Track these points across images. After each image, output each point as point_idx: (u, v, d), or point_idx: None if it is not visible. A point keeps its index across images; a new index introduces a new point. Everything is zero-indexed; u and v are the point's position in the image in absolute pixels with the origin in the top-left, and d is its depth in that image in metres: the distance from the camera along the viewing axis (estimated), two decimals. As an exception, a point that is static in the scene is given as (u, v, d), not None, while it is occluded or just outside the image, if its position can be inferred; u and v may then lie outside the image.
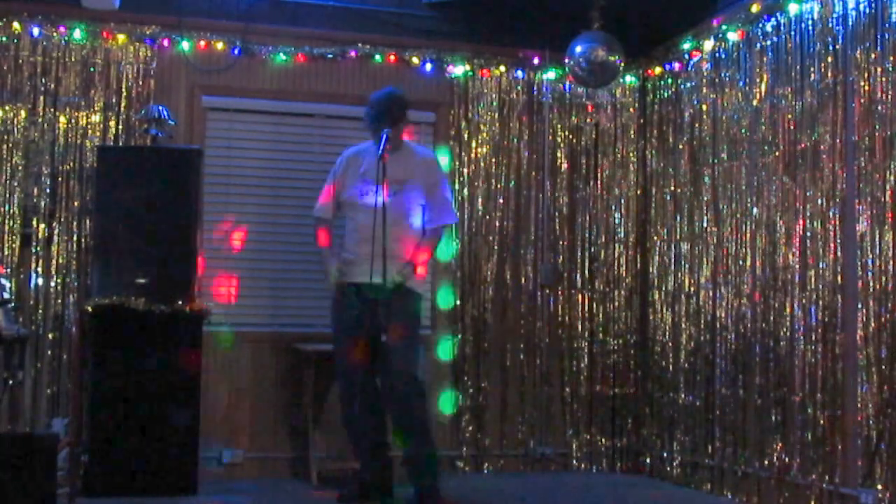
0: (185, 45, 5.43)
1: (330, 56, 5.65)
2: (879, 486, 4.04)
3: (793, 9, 4.67)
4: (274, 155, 5.61)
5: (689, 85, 5.57)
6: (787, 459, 4.59)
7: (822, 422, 4.40)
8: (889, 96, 4.09)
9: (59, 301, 5.13)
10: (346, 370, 4.69)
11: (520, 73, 5.92)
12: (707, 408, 5.23)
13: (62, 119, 5.20)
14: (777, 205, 4.75)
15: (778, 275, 4.71)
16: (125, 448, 4.71)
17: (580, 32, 5.46)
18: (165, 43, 5.40)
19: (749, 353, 4.90)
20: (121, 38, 5.31)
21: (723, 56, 5.25)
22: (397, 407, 4.57)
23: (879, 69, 4.15)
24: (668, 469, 5.52)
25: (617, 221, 5.99)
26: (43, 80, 5.20)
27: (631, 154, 6.03)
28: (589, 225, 5.98)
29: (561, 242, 5.92)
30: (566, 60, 5.49)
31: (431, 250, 4.79)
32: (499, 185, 5.84)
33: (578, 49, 5.42)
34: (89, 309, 4.77)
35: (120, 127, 5.28)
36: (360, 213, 4.66)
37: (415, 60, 5.76)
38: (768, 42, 4.87)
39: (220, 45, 5.49)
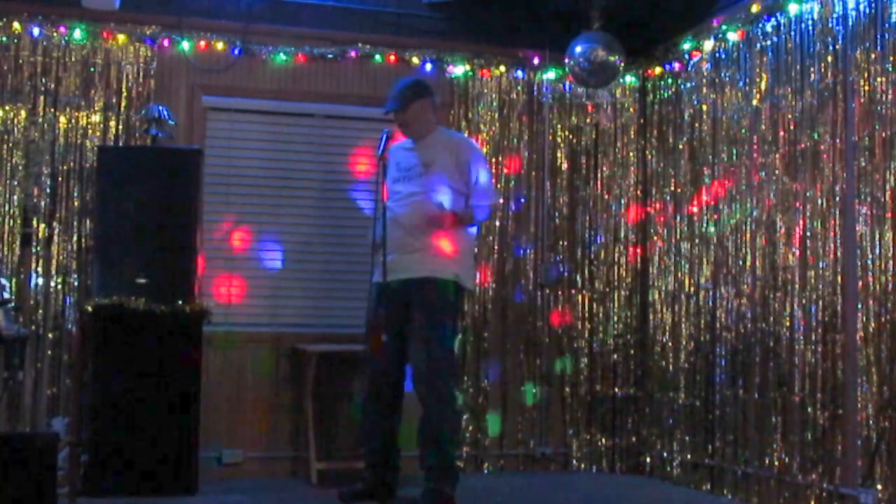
0: (185, 45, 5.43)
1: (330, 56, 5.65)
2: (879, 486, 4.04)
3: (793, 9, 4.67)
4: (274, 155, 5.61)
5: (689, 85, 5.56)
6: (787, 459, 4.59)
7: (822, 422, 4.40)
8: (889, 96, 4.09)
9: (59, 301, 5.13)
10: (371, 368, 4.65)
11: (520, 73, 5.92)
12: (707, 408, 5.22)
13: (62, 119, 5.20)
14: (777, 205, 4.75)
15: (778, 275, 4.71)
16: (125, 448, 4.71)
17: (580, 32, 5.47)
18: (165, 43, 5.40)
19: (749, 353, 4.90)
20: (121, 38, 5.30)
21: (723, 56, 5.25)
22: (422, 411, 4.49)
23: (879, 69, 4.14)
24: (668, 469, 5.52)
25: (617, 221, 5.99)
26: (43, 80, 5.19)
27: (631, 154, 6.02)
28: (589, 225, 5.98)
29: (561, 242, 5.92)
30: (566, 60, 5.50)
31: (463, 220, 4.58)
32: (499, 185, 5.84)
33: (578, 49, 5.42)
34: (89, 309, 4.77)
35: (120, 127, 5.28)
36: (387, 210, 4.58)
37: (415, 60, 5.75)
38: (768, 42, 4.86)
39: (220, 45, 5.49)
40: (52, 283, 5.12)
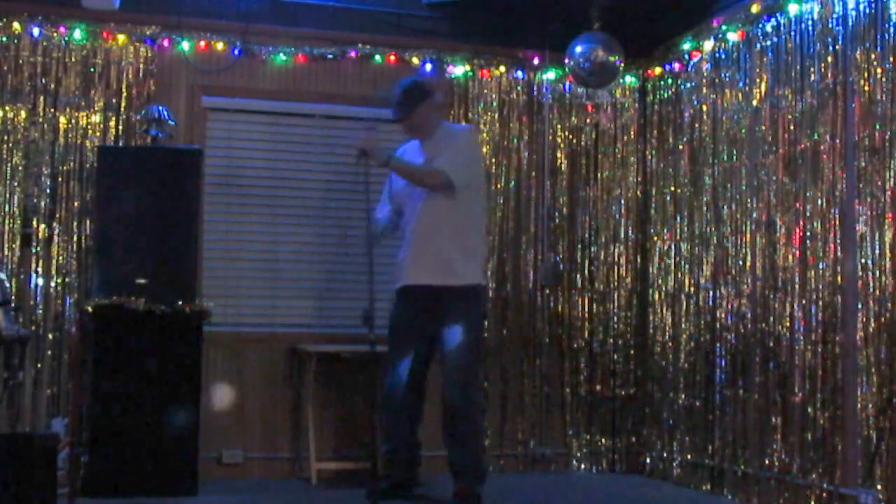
0: (185, 45, 5.43)
1: (330, 56, 5.65)
2: (879, 486, 4.04)
3: (793, 9, 4.67)
4: (274, 155, 5.61)
5: (689, 85, 5.56)
6: (787, 459, 4.59)
7: (822, 422, 4.40)
8: (889, 96, 4.09)
9: (59, 301, 5.13)
10: (390, 370, 4.65)
11: (520, 73, 5.92)
12: (707, 408, 5.22)
13: (62, 119, 5.20)
14: (777, 205, 4.75)
15: (778, 275, 4.71)
16: (125, 448, 4.71)
17: (580, 32, 5.47)
18: (165, 43, 5.40)
19: (749, 353, 4.90)
20: (121, 38, 5.30)
21: (723, 56, 5.25)
22: (447, 413, 4.55)
23: (879, 69, 4.14)
24: (668, 469, 5.52)
25: (617, 221, 5.99)
26: (43, 80, 5.19)
27: (631, 154, 6.02)
28: (589, 225, 5.98)
29: (561, 242, 5.92)
30: (566, 60, 5.50)
31: (421, 171, 4.57)
32: (499, 185, 5.84)
33: (578, 49, 5.43)
34: (89, 309, 4.77)
35: (120, 127, 5.28)
36: (401, 214, 4.70)
37: (415, 60, 5.75)
38: (768, 42, 4.86)
39: (220, 45, 5.49)
40: (52, 283, 5.12)
